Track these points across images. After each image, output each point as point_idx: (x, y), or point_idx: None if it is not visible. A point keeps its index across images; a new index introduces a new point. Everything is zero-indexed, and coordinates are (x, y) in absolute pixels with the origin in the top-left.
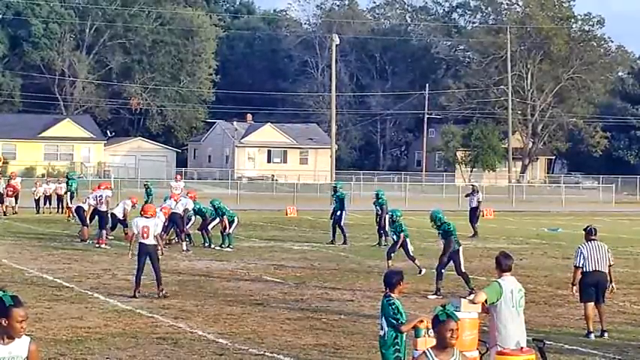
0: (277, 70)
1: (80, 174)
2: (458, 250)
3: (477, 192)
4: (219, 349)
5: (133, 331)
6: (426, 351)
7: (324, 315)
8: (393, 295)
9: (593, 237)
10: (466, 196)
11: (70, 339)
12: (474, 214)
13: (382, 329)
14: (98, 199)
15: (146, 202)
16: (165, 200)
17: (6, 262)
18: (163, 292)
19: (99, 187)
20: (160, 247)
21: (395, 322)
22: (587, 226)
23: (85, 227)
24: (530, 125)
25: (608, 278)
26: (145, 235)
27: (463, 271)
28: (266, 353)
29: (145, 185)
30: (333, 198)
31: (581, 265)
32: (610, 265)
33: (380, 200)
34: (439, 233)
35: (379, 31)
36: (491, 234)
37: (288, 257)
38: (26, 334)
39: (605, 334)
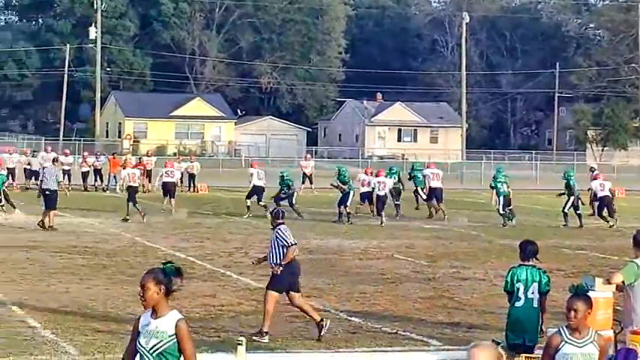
0: (407, 48)
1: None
2: None
3: (594, 171)
4: (352, 327)
5: None
6: (561, 329)
7: (456, 294)
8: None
9: None
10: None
11: (204, 317)
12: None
13: (520, 299)
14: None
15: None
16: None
17: (139, 239)
18: None
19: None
20: None
21: (549, 287)
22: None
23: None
24: None
25: None
26: None
27: None
28: (399, 331)
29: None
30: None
31: None
32: None
33: (344, 178)
34: None
35: (509, 9)
36: (623, 213)
37: (420, 236)
38: (178, 312)
39: None
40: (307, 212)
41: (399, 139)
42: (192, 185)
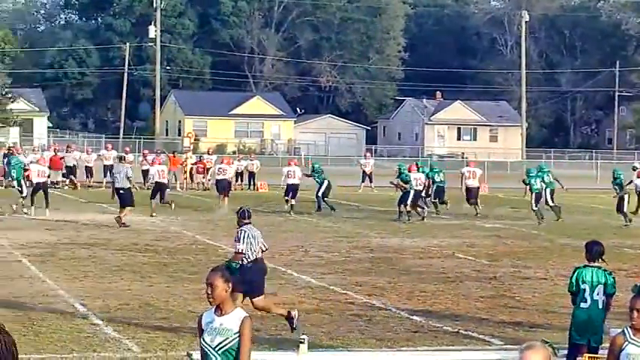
0: (466, 47)
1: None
2: None
3: (637, 170)
4: (414, 326)
5: (327, 308)
6: (625, 329)
7: (517, 293)
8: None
9: None
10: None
11: (265, 315)
12: None
13: (586, 301)
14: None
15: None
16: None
17: (199, 238)
18: None
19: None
20: None
21: (614, 289)
22: None
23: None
24: None
25: None
26: None
27: None
28: (460, 331)
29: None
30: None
31: None
32: None
33: (406, 177)
34: None
35: (568, 7)
36: None
37: (480, 235)
38: (243, 310)
39: None
40: (367, 210)
41: (459, 138)
42: (252, 183)
